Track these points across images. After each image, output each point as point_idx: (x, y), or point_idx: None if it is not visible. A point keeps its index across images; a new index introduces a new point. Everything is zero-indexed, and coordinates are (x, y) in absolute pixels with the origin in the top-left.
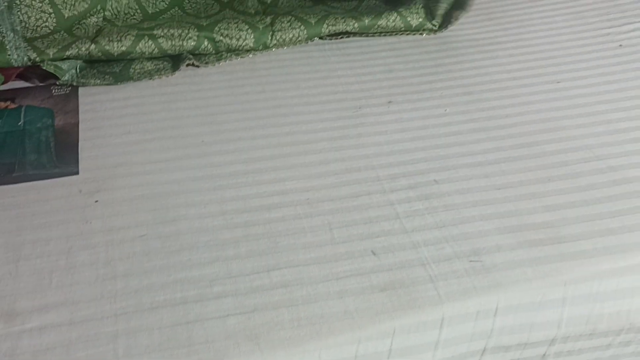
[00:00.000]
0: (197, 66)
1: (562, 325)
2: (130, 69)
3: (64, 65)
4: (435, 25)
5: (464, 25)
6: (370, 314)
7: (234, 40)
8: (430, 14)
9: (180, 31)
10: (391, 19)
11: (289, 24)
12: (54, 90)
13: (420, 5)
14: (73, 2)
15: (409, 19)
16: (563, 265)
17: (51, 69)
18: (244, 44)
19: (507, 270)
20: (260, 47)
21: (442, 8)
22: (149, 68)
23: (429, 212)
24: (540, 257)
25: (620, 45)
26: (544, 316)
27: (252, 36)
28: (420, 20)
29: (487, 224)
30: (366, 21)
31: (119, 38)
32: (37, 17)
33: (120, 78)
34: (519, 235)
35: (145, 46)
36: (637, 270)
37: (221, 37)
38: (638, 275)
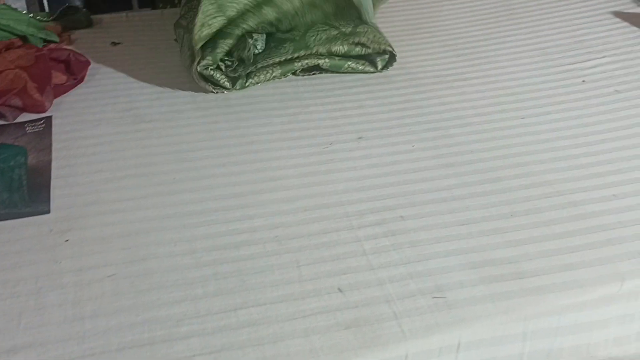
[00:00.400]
0: None
1: (524, 359)
2: None
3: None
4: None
5: (433, 61)
6: (335, 351)
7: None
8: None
9: None
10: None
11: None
12: (27, 128)
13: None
14: None
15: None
16: (524, 301)
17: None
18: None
19: (469, 306)
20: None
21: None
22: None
23: (394, 249)
24: (501, 293)
25: (583, 81)
26: (505, 351)
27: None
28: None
29: (451, 260)
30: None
31: None
32: None
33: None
34: (481, 271)
35: None
36: (595, 304)
37: None
38: (596, 309)
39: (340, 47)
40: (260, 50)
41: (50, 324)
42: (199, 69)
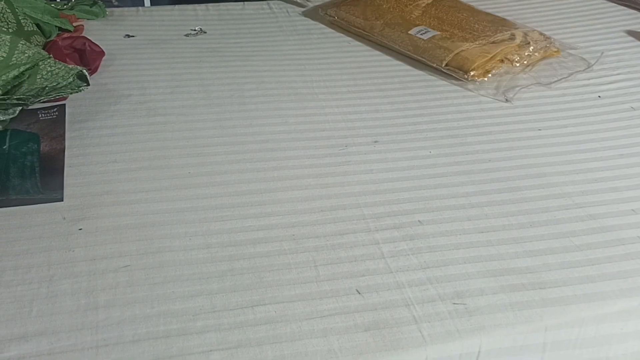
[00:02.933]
0: None
1: None
2: None
3: None
4: None
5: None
6: (355, 353)
7: None
8: None
9: None
10: None
11: None
12: (40, 115)
13: None
14: None
15: None
16: (545, 311)
17: None
18: None
19: (489, 313)
20: None
21: None
22: None
23: (413, 253)
24: (522, 302)
25: (599, 97)
26: None
27: None
28: None
29: (471, 267)
30: None
31: None
32: None
33: None
34: (501, 279)
35: None
36: (614, 318)
37: None
38: (616, 322)
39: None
40: None
41: (62, 312)
42: None
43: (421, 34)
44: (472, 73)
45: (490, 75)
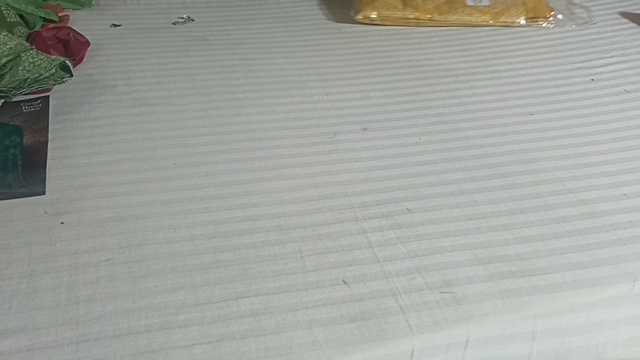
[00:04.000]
0: None
1: (532, 359)
2: None
3: None
4: None
5: (440, 54)
6: (340, 345)
7: None
8: None
9: None
10: None
11: None
12: (24, 107)
13: None
14: None
15: None
16: (534, 299)
17: None
18: None
19: (478, 302)
20: None
21: None
22: None
23: (401, 242)
24: (511, 290)
25: (592, 80)
26: (513, 349)
27: None
28: None
29: (459, 255)
30: None
31: None
32: None
33: None
34: (490, 267)
35: None
36: (605, 304)
37: None
38: (606, 309)
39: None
40: None
41: (42, 308)
42: None
43: (479, 2)
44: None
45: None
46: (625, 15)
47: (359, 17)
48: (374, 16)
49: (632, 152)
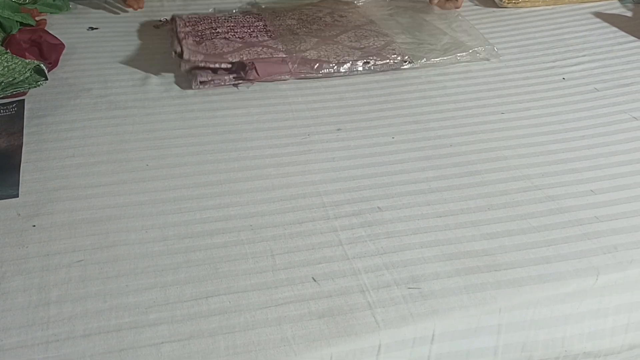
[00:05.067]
0: None
1: (498, 352)
2: None
3: None
4: None
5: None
6: (307, 340)
7: None
8: None
9: None
10: None
11: None
12: None
13: None
14: None
15: None
16: (499, 293)
17: None
18: None
19: (444, 297)
20: None
21: None
22: None
23: (370, 239)
24: (476, 285)
25: (563, 79)
26: (480, 343)
27: None
28: None
29: (427, 252)
30: None
31: None
32: None
33: None
34: (457, 262)
35: None
36: (570, 298)
37: None
38: (571, 303)
39: None
40: None
41: (14, 309)
42: None
43: None
44: None
45: None
46: (598, 15)
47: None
48: None
49: (600, 149)
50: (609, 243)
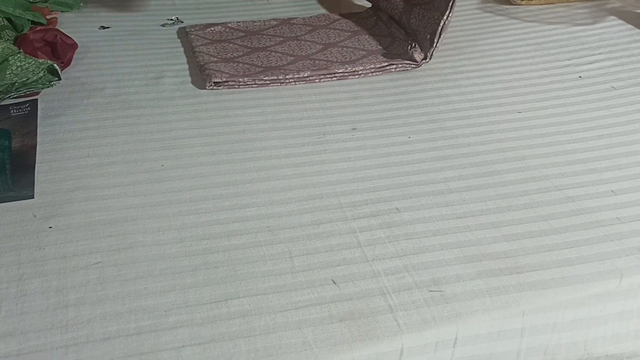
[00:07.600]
0: None
1: (520, 356)
2: None
3: None
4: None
5: None
6: (329, 344)
7: None
8: None
9: None
10: None
11: None
12: (12, 111)
13: None
14: None
15: None
16: (521, 296)
17: None
18: None
19: (466, 300)
20: None
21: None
22: None
23: (390, 241)
24: (499, 287)
25: (580, 77)
26: (502, 346)
27: None
28: None
29: (448, 254)
30: None
31: None
32: None
33: None
34: (478, 265)
35: None
36: (593, 301)
37: None
38: (594, 306)
39: None
40: None
41: (32, 312)
42: None
43: None
44: None
45: None
46: (613, 12)
47: None
48: None
49: (620, 149)
50: (631, 245)
